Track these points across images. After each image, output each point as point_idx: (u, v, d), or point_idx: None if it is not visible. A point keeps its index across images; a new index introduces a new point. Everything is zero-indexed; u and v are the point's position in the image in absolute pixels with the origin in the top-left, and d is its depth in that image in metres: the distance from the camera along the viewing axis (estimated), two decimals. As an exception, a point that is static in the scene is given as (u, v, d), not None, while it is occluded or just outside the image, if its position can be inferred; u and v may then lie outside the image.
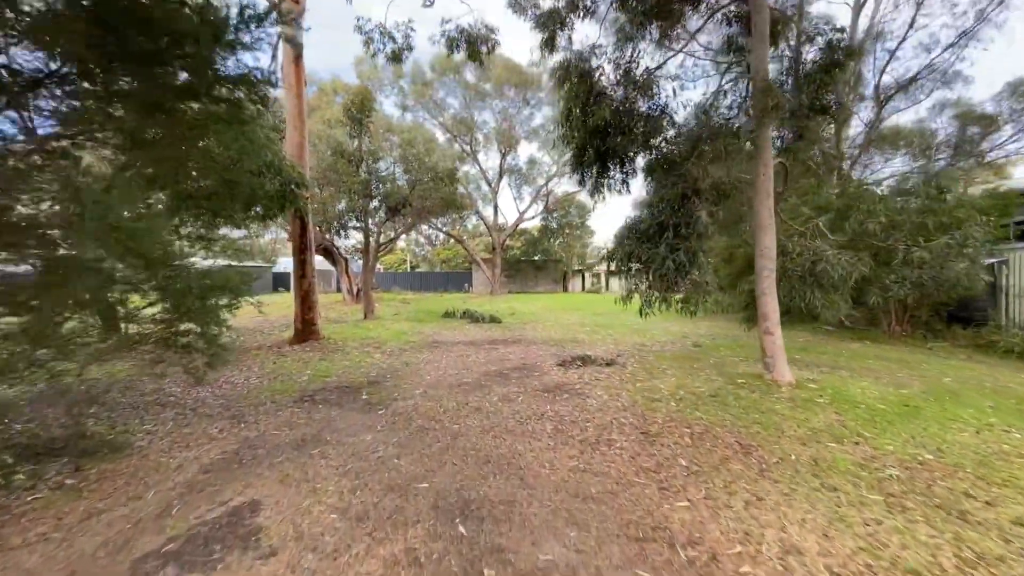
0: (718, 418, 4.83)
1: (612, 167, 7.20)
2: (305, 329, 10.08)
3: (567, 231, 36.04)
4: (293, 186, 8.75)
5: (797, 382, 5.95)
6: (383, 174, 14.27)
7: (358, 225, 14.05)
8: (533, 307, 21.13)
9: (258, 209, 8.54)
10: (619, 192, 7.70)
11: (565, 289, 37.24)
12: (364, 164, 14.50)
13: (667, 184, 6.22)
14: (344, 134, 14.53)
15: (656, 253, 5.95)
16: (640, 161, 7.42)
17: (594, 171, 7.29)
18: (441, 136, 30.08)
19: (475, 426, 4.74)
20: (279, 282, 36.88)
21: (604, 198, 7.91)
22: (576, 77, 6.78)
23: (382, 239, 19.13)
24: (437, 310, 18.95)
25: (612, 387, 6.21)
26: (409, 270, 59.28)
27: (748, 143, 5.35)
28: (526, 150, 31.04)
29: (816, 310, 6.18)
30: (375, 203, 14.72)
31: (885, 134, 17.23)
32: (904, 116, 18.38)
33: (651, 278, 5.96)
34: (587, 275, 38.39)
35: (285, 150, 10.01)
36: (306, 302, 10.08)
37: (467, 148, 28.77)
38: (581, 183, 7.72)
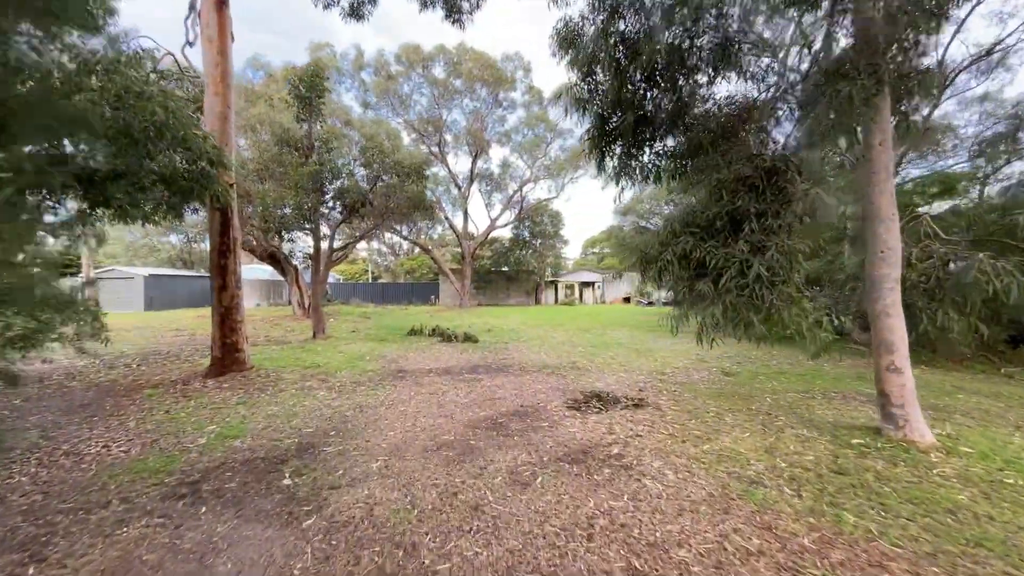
0: (880, 523, 2.94)
1: (649, 140, 5.33)
2: (226, 357, 7.63)
3: (540, 240, 34.38)
4: (206, 163, 6.41)
5: (941, 443, 4.18)
6: (338, 164, 11.95)
7: (307, 227, 11.66)
8: (509, 322, 19.09)
9: (156, 195, 6.17)
10: (649, 180, 5.85)
11: (538, 301, 35.43)
12: (315, 154, 12.15)
13: (737, 159, 4.39)
14: (291, 118, 12.14)
15: (731, 256, 4.08)
16: (673, 140, 5.59)
17: (624, 147, 5.41)
18: (407, 137, 27.88)
19: (482, 562, 2.64)
20: (222, 293, 33.15)
21: (622, 190, 6.04)
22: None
23: (336, 244, 16.65)
24: (402, 326, 16.59)
25: (666, 451, 4.24)
26: (371, 281, 56.16)
27: (860, 97, 3.61)
28: (498, 154, 29.70)
29: (945, 336, 4.49)
30: (328, 201, 12.35)
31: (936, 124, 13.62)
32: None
33: (724, 293, 4.07)
34: (560, 287, 36.78)
35: (204, 123, 7.65)
36: (227, 322, 7.64)
37: (435, 150, 26.66)
38: (600, 167, 5.82)
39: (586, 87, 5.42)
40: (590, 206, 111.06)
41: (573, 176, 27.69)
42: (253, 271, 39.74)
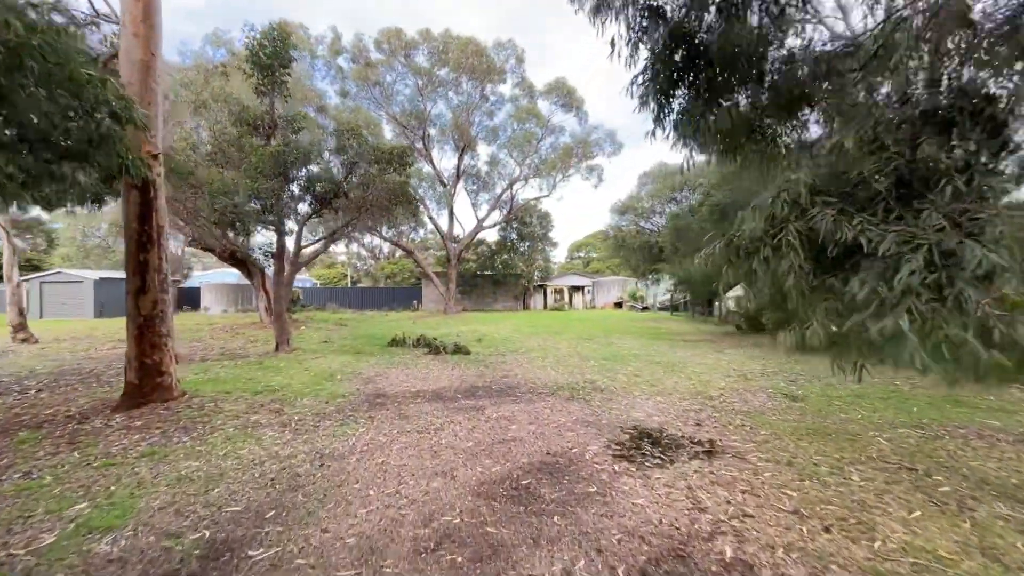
0: None
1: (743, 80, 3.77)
2: (145, 382, 5.77)
3: (529, 243, 32.84)
4: (106, 118, 4.61)
5: None
6: (304, 144, 10.11)
7: (268, 219, 9.80)
8: (500, 329, 17.40)
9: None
10: (728, 144, 4.30)
11: (526, 307, 33.82)
12: (278, 134, 10.32)
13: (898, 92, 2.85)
14: (250, 88, 10.29)
15: (911, 238, 2.52)
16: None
17: (697, 91, 3.85)
18: (390, 132, 26.06)
19: None
20: (186, 299, 30.65)
21: (689, 159, 4.51)
22: None
23: (308, 243, 14.77)
24: (382, 335, 14.76)
25: (811, 551, 2.64)
26: (350, 286, 53.82)
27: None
28: (485, 152, 27.74)
29: None
30: (294, 190, 10.51)
31: None
32: None
33: (904, 295, 2.50)
34: (549, 291, 35.26)
35: (121, 74, 5.82)
36: (147, 336, 5.78)
37: (419, 146, 24.87)
38: (659, 120, 4.22)
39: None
40: (577, 207, 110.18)
41: (565, 174, 26.27)
42: (224, 275, 37.15)
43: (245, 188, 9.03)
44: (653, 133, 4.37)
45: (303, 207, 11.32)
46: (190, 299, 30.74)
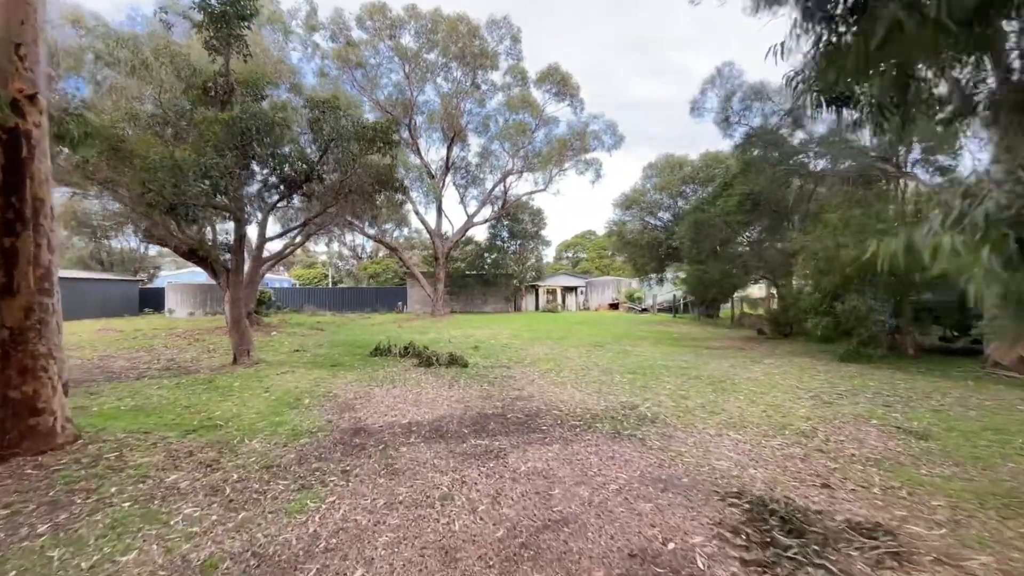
0: None
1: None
2: (9, 425, 3.95)
3: (520, 241, 31.27)
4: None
5: None
6: (267, 112, 8.29)
7: (220, 201, 7.90)
8: (497, 334, 15.74)
9: None
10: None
11: (517, 308, 32.18)
12: (236, 102, 8.49)
13: None
14: (200, 44, 8.43)
15: None
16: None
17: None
18: (372, 119, 24.08)
19: None
20: (149, 300, 28.22)
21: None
22: None
23: (280, 239, 12.90)
24: (363, 341, 12.96)
25: None
26: (331, 286, 51.54)
27: None
28: (477, 144, 26.12)
29: None
30: (255, 169, 8.68)
31: None
32: None
33: None
34: (541, 292, 33.69)
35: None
36: (13, 356, 3.97)
37: (406, 135, 22.98)
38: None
39: None
40: (569, 206, 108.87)
41: (561, 168, 24.69)
42: (194, 275, 34.59)
43: (188, 165, 7.17)
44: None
45: (266, 191, 9.48)
46: (154, 301, 28.28)
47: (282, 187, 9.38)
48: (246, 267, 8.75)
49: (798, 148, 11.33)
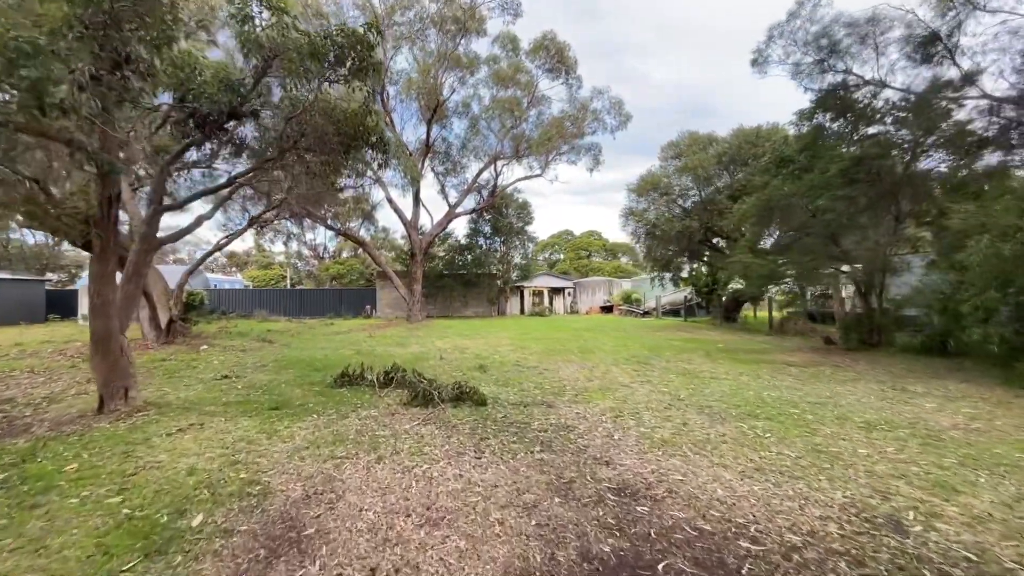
0: None
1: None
2: None
3: (503, 237, 28.17)
4: None
5: None
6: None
7: (66, 126, 4.51)
8: (496, 345, 12.58)
9: None
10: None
11: (501, 312, 28.99)
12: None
13: None
14: None
15: None
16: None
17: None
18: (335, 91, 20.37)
19: None
20: (58, 305, 23.34)
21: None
22: None
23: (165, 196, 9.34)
24: (324, 360, 9.54)
25: None
26: (289, 287, 46.84)
27: None
28: (459, 127, 23.08)
29: None
30: (140, 87, 5.20)
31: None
32: None
33: None
34: (527, 293, 30.64)
35: None
36: None
37: (378, 107, 19.44)
38: None
39: None
40: (554, 201, 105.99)
41: (558, 152, 21.77)
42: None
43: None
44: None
45: (164, 127, 5.96)
46: (64, 306, 23.43)
47: (192, 126, 5.91)
48: (110, 247, 5.22)
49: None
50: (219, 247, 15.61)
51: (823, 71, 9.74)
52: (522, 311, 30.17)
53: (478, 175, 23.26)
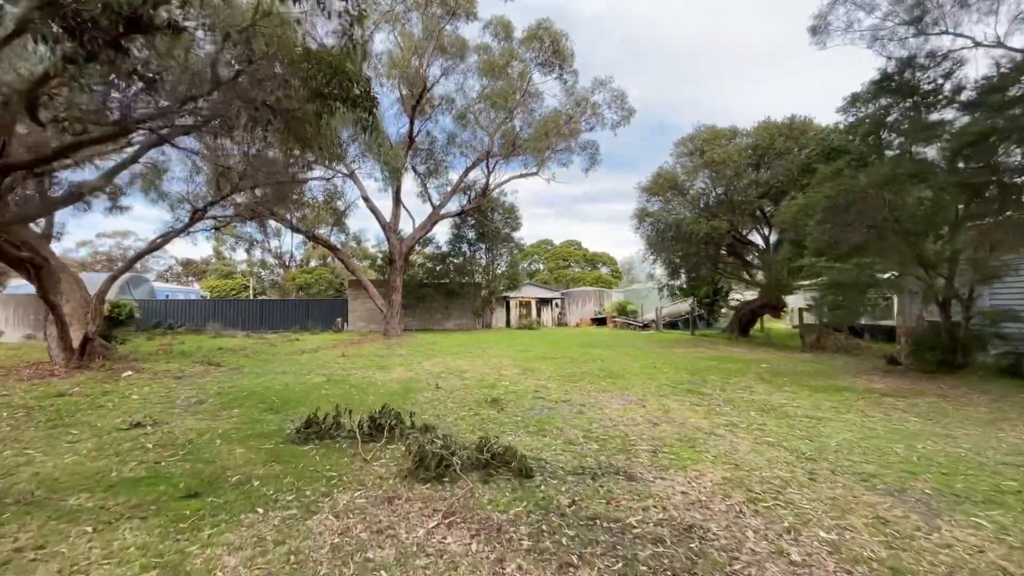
0: None
1: None
2: None
3: (488, 244, 26.11)
4: None
5: None
6: None
7: None
8: (498, 368, 10.45)
9: None
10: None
11: (487, 324, 26.76)
12: None
13: None
14: None
15: None
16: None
17: None
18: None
19: None
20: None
21: None
22: None
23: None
24: (283, 396, 7.14)
25: None
26: (251, 298, 43.26)
27: None
28: (445, 122, 21.51)
29: None
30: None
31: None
32: None
33: None
34: (514, 305, 28.54)
35: None
36: None
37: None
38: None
39: None
40: (537, 203, 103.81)
41: (554, 149, 19.97)
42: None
43: None
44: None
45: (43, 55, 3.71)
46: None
47: (64, 36, 3.68)
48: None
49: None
50: (154, 247, 12.91)
51: (917, 33, 8.17)
52: (508, 323, 28.03)
53: (465, 173, 21.17)
